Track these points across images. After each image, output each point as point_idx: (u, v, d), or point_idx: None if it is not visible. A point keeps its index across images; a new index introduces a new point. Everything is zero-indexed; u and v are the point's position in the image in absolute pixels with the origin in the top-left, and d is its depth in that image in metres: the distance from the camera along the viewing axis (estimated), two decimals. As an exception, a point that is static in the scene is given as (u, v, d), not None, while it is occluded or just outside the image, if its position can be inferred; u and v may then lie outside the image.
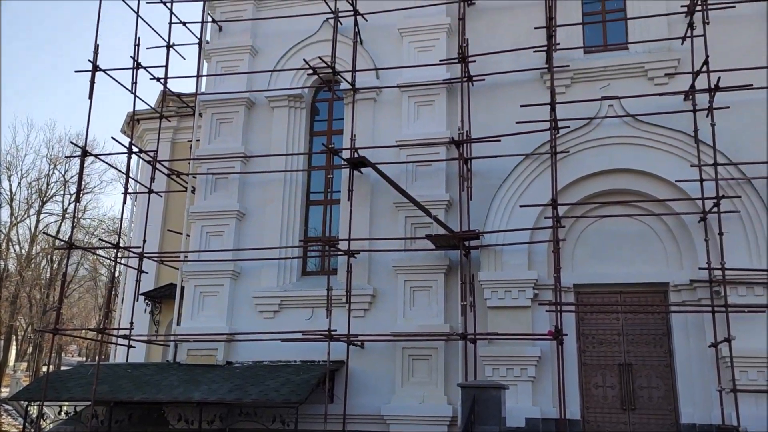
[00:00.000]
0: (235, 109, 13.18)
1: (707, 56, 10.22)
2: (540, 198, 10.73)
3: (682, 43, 10.99)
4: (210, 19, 13.90)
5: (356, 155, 11.30)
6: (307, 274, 12.66)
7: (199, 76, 13.59)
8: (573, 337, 10.60)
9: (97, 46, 12.62)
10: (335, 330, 10.85)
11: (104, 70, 12.62)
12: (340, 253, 11.52)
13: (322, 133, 13.28)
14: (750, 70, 10.45)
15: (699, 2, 10.49)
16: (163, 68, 13.35)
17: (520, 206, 10.81)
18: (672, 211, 10.53)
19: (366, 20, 12.69)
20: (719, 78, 10.05)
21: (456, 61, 11.84)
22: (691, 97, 10.58)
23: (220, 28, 13.79)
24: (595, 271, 10.82)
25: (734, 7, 10.73)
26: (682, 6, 10.96)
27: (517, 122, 11.03)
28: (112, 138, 13.15)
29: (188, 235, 12.99)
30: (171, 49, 13.55)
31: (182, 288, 12.66)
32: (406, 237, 11.61)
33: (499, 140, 11.23)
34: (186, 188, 13.37)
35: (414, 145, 11.95)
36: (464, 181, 11.20)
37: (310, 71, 12.38)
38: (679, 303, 10.33)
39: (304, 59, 12.49)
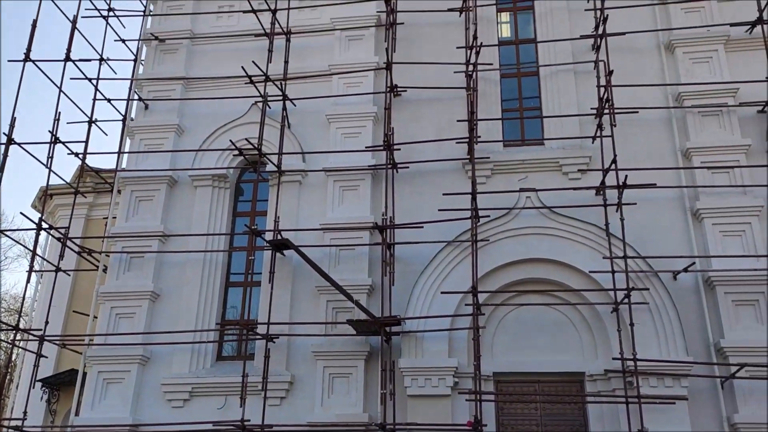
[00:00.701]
0: (156, 186, 12.89)
1: (615, 155, 10.86)
2: (461, 285, 10.83)
3: (592, 142, 11.67)
4: (137, 97, 13.79)
5: (279, 237, 11.18)
6: (223, 360, 12.13)
7: (120, 152, 13.31)
8: (492, 427, 10.47)
9: (13, 119, 12.29)
10: (249, 420, 10.33)
11: (19, 144, 12.22)
12: (258, 337, 11.14)
13: (245, 214, 13.12)
14: (655, 170, 11.17)
15: (606, 106, 11.23)
16: (83, 143, 13.06)
17: (442, 293, 10.86)
18: (587, 301, 10.83)
19: (294, 105, 12.90)
20: (626, 176, 10.65)
21: (381, 148, 12.10)
22: (601, 192, 11.13)
23: (147, 106, 13.67)
24: (514, 359, 10.87)
25: (637, 112, 11.55)
26: (591, 108, 11.70)
27: (439, 210, 11.25)
28: (21, 213, 12.57)
29: (95, 317, 12.30)
30: (93, 124, 13.31)
31: (84, 374, 11.84)
32: (326, 322, 11.38)
33: (422, 227, 11.39)
34: (97, 267, 12.78)
35: (338, 229, 11.95)
36: (387, 266, 11.21)
37: (236, 152, 12.37)
38: (594, 393, 10.45)
39: (230, 140, 12.49)
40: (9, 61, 13.58)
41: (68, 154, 12.96)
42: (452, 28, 13.13)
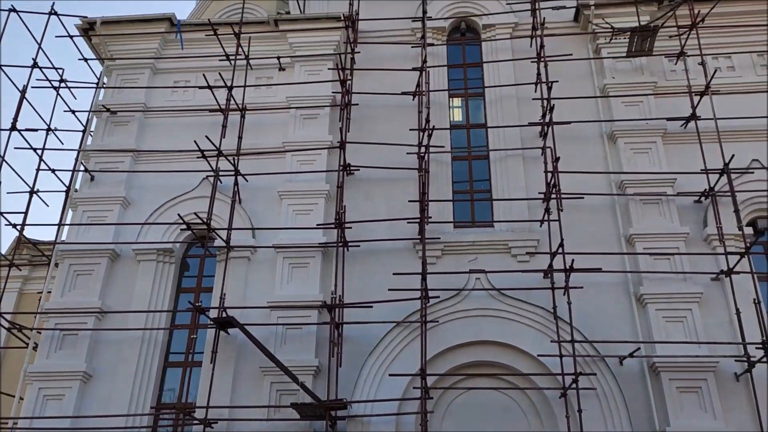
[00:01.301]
0: (96, 260, 12.42)
1: (562, 239, 11.07)
2: (409, 367, 10.62)
3: (540, 226, 11.88)
4: (83, 168, 13.50)
5: (224, 315, 10.84)
6: (157, 446, 11.44)
7: (61, 224, 12.89)
8: None
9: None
10: None
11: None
12: (195, 422, 10.58)
13: (190, 290, 12.72)
14: (600, 255, 11.40)
15: (553, 191, 11.54)
16: (22, 214, 12.63)
17: (390, 375, 10.62)
18: (535, 385, 10.73)
19: (246, 181, 12.83)
20: (573, 260, 10.83)
21: (333, 226, 12.06)
22: (549, 275, 11.25)
23: (92, 178, 13.37)
24: (463, 445, 10.59)
25: (583, 198, 11.89)
26: (539, 193, 12.00)
27: (389, 289, 11.15)
28: (-53, 286, 11.91)
29: (21, 399, 11.51)
30: (34, 195, 12.92)
31: (4, 461, 10.97)
32: (269, 405, 10.92)
33: (371, 307, 11.24)
34: (27, 345, 12.08)
35: (286, 307, 11.67)
36: (335, 346, 10.95)
37: (184, 226, 12.11)
38: (544, 481, 10.21)
39: (179, 214, 12.24)
40: (-49, 127, 13.24)
41: (6, 225, 12.50)
42: (406, 110, 13.43)
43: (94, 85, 14.54)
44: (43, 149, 13.44)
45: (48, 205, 14.02)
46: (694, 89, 12.36)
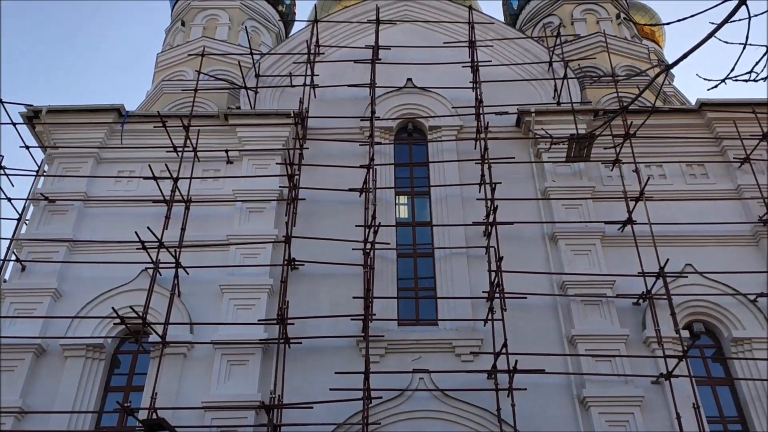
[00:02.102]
0: (20, 356, 11.69)
1: (506, 339, 11.06)
2: (349, 474, 10.13)
3: (484, 325, 11.87)
4: (14, 257, 12.94)
5: (155, 416, 10.23)
6: None
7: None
8: None
9: None
10: None
11: None
12: None
13: (119, 389, 12.03)
14: (543, 356, 11.38)
15: (497, 290, 11.62)
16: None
17: (329, 483, 10.10)
18: (480, 493, 10.36)
19: (188, 273, 12.51)
20: (516, 361, 10.78)
21: (275, 322, 11.77)
22: (493, 376, 11.13)
23: (24, 268, 12.81)
24: None
25: (526, 298, 11.99)
26: (483, 292, 12.06)
27: (330, 389, 10.81)
28: None
29: None
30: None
31: None
32: None
33: (312, 407, 10.83)
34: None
35: (221, 408, 11.12)
36: (271, 451, 10.41)
37: (117, 320, 11.60)
38: None
39: (113, 307, 11.75)
40: None
41: None
42: (352, 206, 13.54)
43: (34, 173, 14.20)
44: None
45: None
46: (630, 195, 12.90)
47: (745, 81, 4.34)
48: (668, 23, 4.84)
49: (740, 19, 4.10)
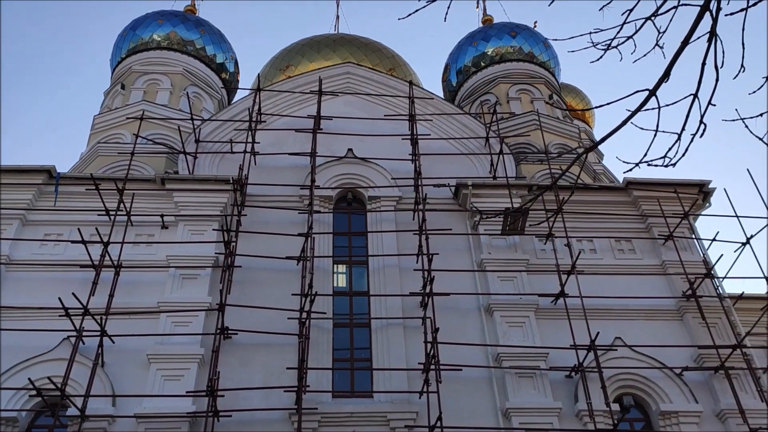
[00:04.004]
0: None
1: (441, 412, 10.93)
2: None
3: (419, 397, 11.72)
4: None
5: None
6: None
7: None
8: None
9: None
10: None
11: None
12: None
13: (31, 467, 11.23)
14: (478, 430, 11.29)
15: (433, 362, 11.56)
16: None
17: None
18: None
19: (113, 342, 11.98)
20: (452, 436, 10.64)
21: (204, 394, 11.30)
22: (428, 451, 10.93)
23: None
24: None
25: (461, 369, 11.97)
26: (419, 363, 11.98)
27: (260, 466, 10.38)
28: None
29: None
30: None
31: None
32: None
33: (239, 486, 10.34)
34: None
35: (141, 488, 10.48)
36: None
37: (34, 392, 10.89)
38: None
39: (29, 378, 11.04)
40: None
41: None
42: (289, 275, 13.38)
43: (-47, 234, 13.54)
44: None
45: None
46: (562, 269, 13.23)
47: (661, 165, 4.62)
48: (593, 107, 5.17)
49: (651, 108, 4.41)
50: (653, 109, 4.38)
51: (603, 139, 4.71)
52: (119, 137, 17.91)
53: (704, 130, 4.37)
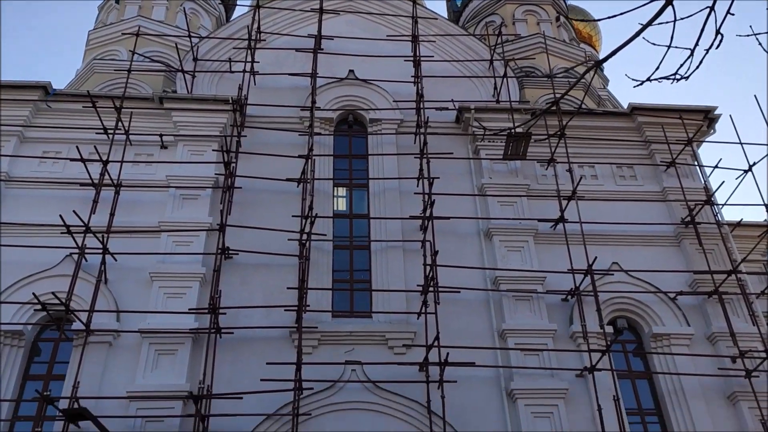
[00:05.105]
0: (-68, 341, 11.10)
1: (438, 333, 11.17)
2: (278, 465, 10.06)
3: (417, 318, 11.96)
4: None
5: (76, 406, 9.87)
6: None
7: None
8: None
9: None
10: None
11: None
12: None
13: (39, 377, 11.56)
14: (474, 349, 11.57)
15: (431, 284, 11.72)
16: None
17: (256, 474, 10.00)
18: (407, 483, 10.47)
19: (115, 260, 12.11)
20: (447, 354, 10.91)
21: (206, 311, 11.53)
22: (424, 369, 11.24)
23: (-67, 257, 12.12)
24: None
25: (459, 292, 12.16)
26: (417, 285, 12.16)
27: (261, 380, 10.68)
28: None
29: None
30: None
31: None
32: None
33: (241, 398, 10.69)
34: None
35: (147, 398, 10.83)
36: (198, 442, 10.21)
37: (39, 306, 11.11)
38: None
39: (33, 293, 11.24)
40: None
41: None
42: (289, 197, 13.37)
43: (-50, 150, 13.44)
44: None
45: None
46: (563, 194, 13.22)
47: (669, 81, 4.47)
48: (599, 19, 4.98)
49: (666, 22, 4.23)
50: (667, 22, 4.20)
51: (613, 53, 4.56)
52: (115, 54, 17.51)
53: (721, 40, 4.19)
